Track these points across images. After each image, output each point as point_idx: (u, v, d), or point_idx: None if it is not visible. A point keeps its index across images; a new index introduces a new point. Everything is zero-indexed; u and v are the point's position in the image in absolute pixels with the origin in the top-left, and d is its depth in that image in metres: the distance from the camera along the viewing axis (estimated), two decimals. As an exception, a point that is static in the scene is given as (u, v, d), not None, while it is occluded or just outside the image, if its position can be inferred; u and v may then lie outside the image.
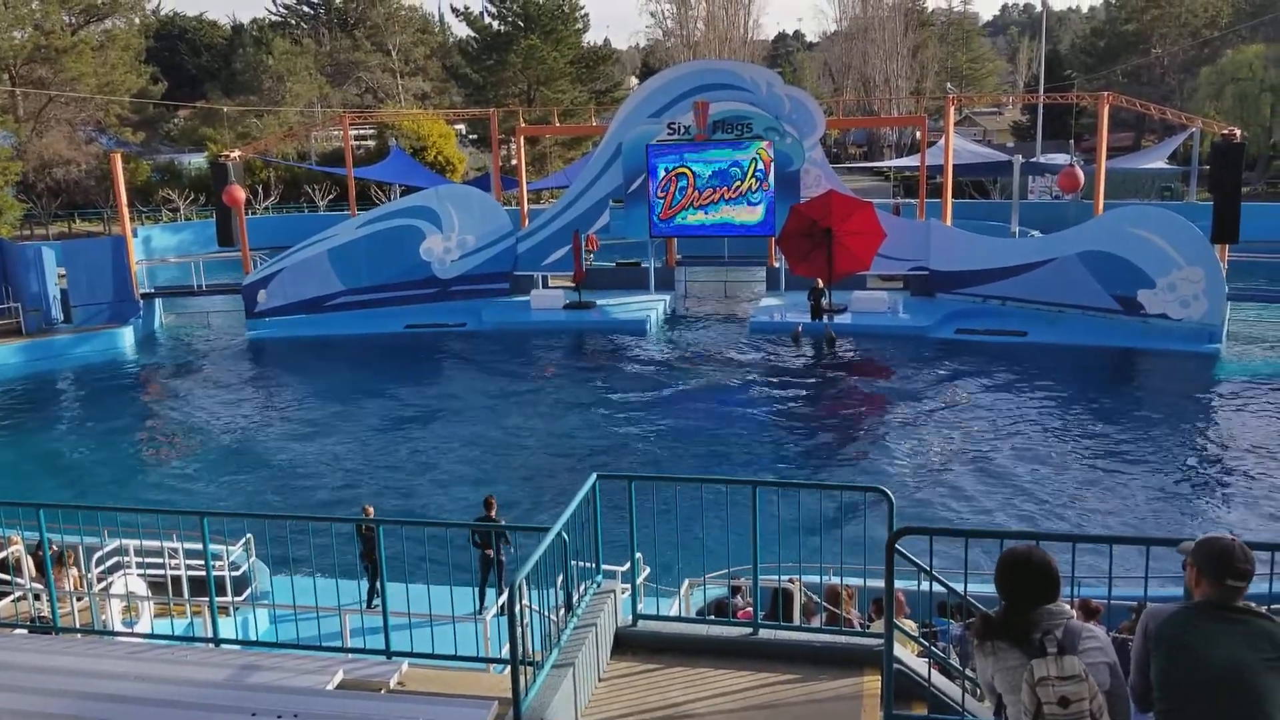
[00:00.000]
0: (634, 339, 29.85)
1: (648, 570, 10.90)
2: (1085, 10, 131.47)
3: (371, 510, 14.04)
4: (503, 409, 24.11)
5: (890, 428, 21.96)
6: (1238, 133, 28.30)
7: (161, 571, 11.02)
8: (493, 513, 13.56)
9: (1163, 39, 70.71)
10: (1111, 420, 21.62)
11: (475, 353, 29.22)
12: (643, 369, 27.15)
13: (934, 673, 6.41)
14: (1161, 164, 46.78)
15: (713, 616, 9.65)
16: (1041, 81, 61.15)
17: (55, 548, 10.82)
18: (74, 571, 11.24)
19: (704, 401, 24.03)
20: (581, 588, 7.20)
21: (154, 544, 11.61)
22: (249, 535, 13.59)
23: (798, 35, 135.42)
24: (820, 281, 29.32)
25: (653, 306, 32.13)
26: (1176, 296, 26.68)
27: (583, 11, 71.45)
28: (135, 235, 36.94)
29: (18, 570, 10.77)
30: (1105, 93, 33.23)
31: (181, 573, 10.90)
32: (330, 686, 6.56)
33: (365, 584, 13.46)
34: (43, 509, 8.43)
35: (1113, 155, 42.95)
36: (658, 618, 7.84)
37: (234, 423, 23.85)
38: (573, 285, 32.71)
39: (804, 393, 24.93)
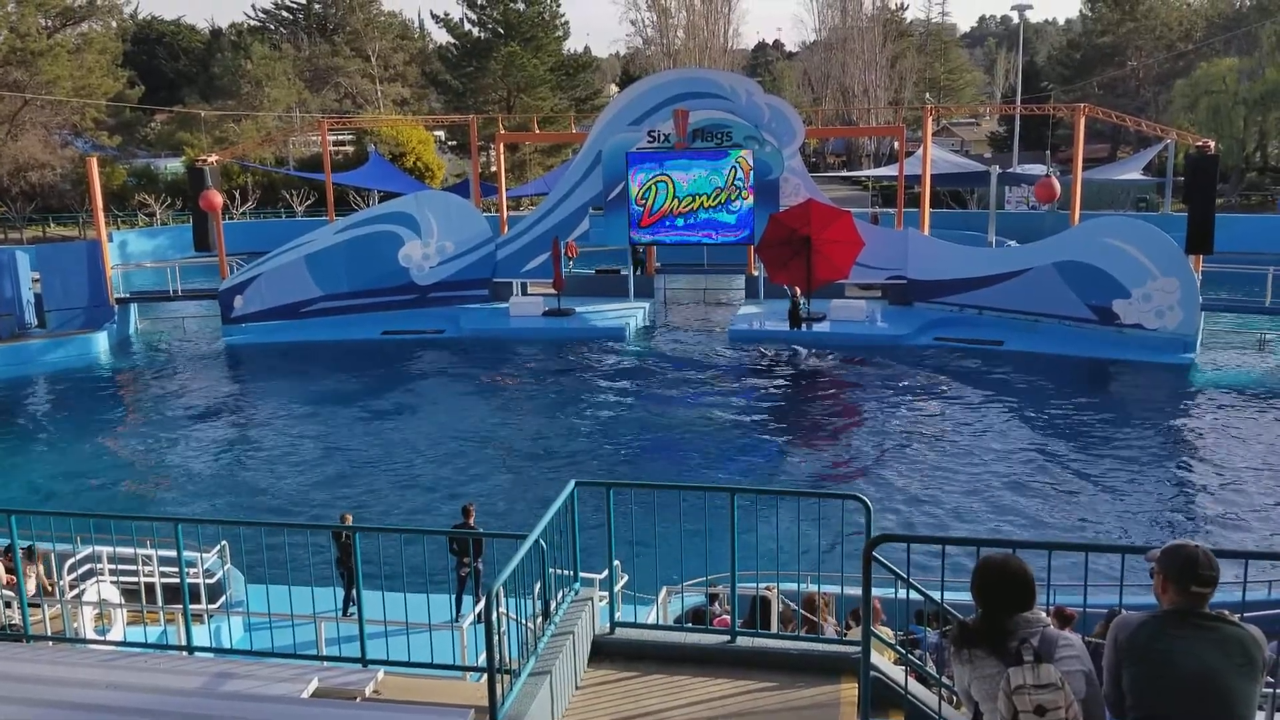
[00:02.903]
0: (612, 347, 29.83)
1: (625, 578, 10.87)
2: (1062, 23, 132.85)
3: (349, 517, 13.96)
4: (480, 416, 24.04)
5: (867, 436, 22.02)
6: (1212, 144, 28.56)
7: (135, 578, 10.92)
8: (471, 520, 13.51)
9: (1138, 52, 71.41)
10: (1087, 430, 21.76)
11: (453, 360, 29.13)
12: (621, 377, 27.14)
13: (911, 680, 6.43)
14: (1137, 175, 47.22)
15: (690, 624, 9.64)
16: (1019, 93, 61.58)
17: (24, 547, 10.71)
18: (38, 568, 11.08)
19: (682, 409, 24.04)
20: (559, 595, 7.18)
21: (127, 550, 11.52)
22: (224, 542, 13.50)
23: (777, 45, 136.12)
24: (798, 290, 29.44)
25: (632, 314, 32.13)
26: (1151, 307, 26.88)
27: (563, 19, 71.48)
28: (111, 240, 36.68)
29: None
30: (1081, 104, 33.50)
31: (155, 580, 10.81)
32: (305, 695, 6.51)
33: (341, 591, 13.37)
34: (14, 515, 8.34)
35: (1089, 166, 43.33)
36: (635, 625, 7.83)
37: (209, 429, 23.69)
38: (552, 292, 32.67)
39: (782, 401, 24.99)
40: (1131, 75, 71.39)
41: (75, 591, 11.20)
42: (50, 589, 11.14)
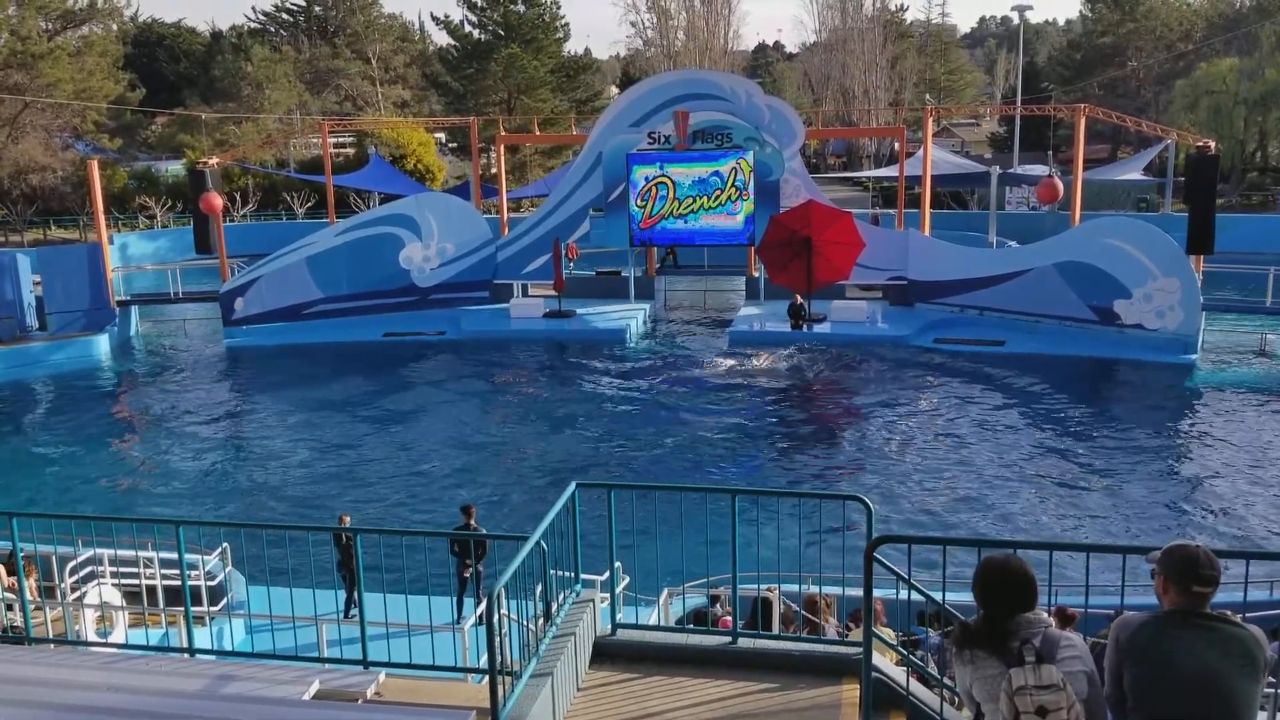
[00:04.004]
0: (613, 348, 29.83)
1: (627, 579, 10.87)
2: (1062, 23, 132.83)
3: (348, 519, 13.96)
4: (481, 418, 24.04)
5: (869, 437, 22.01)
6: (1212, 144, 28.56)
7: (136, 581, 10.92)
8: (472, 521, 13.50)
9: (1138, 52, 71.40)
10: (1088, 430, 21.76)
11: (454, 361, 29.13)
12: (622, 378, 27.13)
13: (913, 681, 6.43)
14: (1137, 175, 47.22)
15: (692, 625, 9.64)
16: (1019, 93, 61.60)
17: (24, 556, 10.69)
18: (29, 582, 11.07)
19: (683, 410, 24.03)
20: (560, 597, 7.18)
21: (129, 553, 11.51)
22: (225, 544, 13.49)
23: (777, 46, 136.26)
24: (798, 295, 29.49)
25: (632, 315, 32.14)
26: (1152, 307, 26.88)
27: (563, 21, 71.46)
28: (112, 242, 36.70)
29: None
30: (1082, 105, 33.50)
31: (157, 582, 10.81)
32: (306, 697, 6.51)
33: (342, 594, 13.36)
34: (15, 518, 8.34)
35: (1089, 167, 43.32)
36: (637, 627, 7.83)
37: (210, 431, 23.68)
38: (553, 294, 32.67)
39: (783, 402, 24.97)
40: (1132, 76, 71.38)
41: (77, 594, 11.20)
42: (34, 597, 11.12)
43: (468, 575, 13.58)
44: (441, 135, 70.50)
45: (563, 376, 27.65)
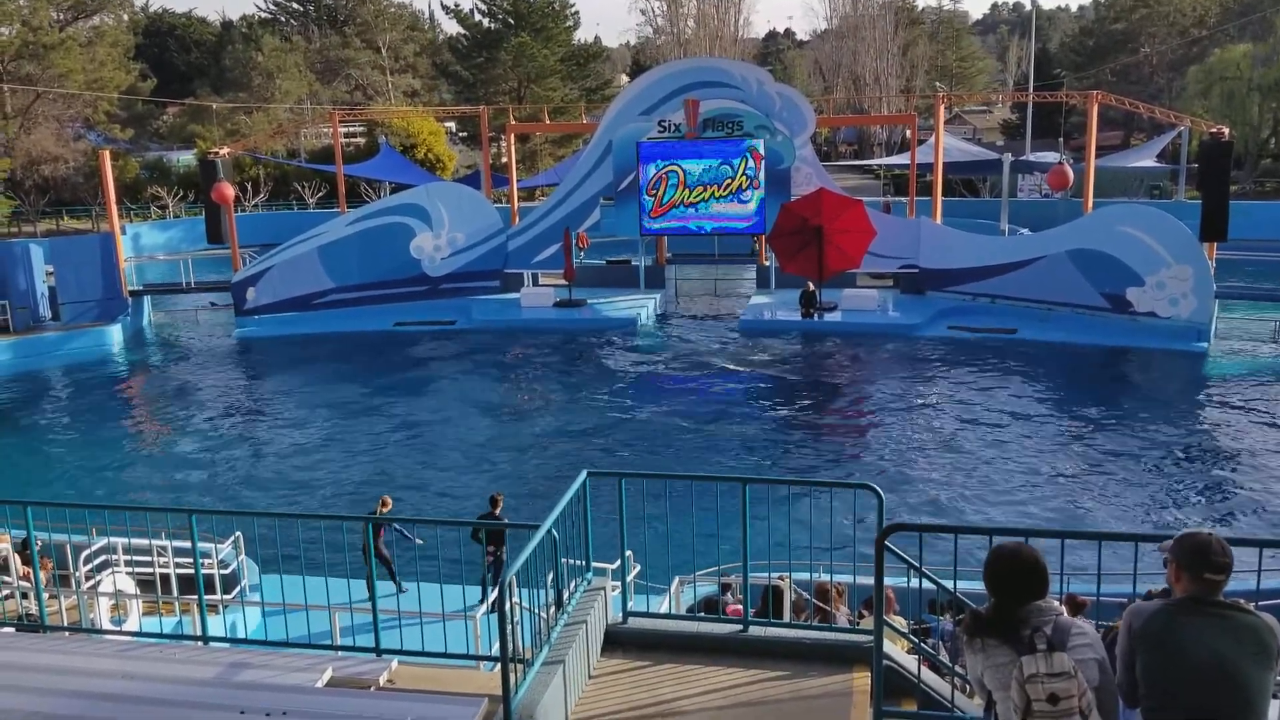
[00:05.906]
0: (624, 337, 29.83)
1: (638, 568, 10.88)
2: (1074, 9, 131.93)
3: (389, 501, 13.94)
4: (492, 406, 24.07)
5: (880, 425, 21.98)
6: (1226, 131, 28.38)
7: (150, 569, 10.97)
8: (497, 510, 13.48)
9: (1151, 38, 70.97)
10: (1100, 418, 21.68)
11: (465, 350, 29.17)
12: (632, 367, 27.14)
13: (924, 669, 6.42)
14: (1150, 162, 46.92)
15: (703, 614, 9.64)
16: (1031, 80, 61.29)
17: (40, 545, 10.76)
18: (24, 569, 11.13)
19: (694, 399, 24.03)
20: (572, 585, 7.18)
21: (142, 542, 11.58)
22: (238, 533, 13.54)
23: (788, 33, 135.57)
24: (810, 284, 29.43)
25: (643, 305, 32.12)
26: (1165, 295, 26.76)
27: (573, 9, 71.47)
28: (124, 232, 36.78)
29: (4, 569, 10.72)
30: (1094, 91, 33.30)
31: (170, 570, 10.87)
32: (319, 684, 6.54)
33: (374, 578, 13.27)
34: (30, 506, 8.38)
35: (1102, 154, 43.08)
36: (648, 615, 7.83)
37: (222, 420, 23.77)
38: (563, 283, 32.65)
39: (793, 390, 24.95)
40: (1145, 62, 70.95)
41: (91, 583, 11.26)
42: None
43: (491, 561, 13.55)
44: (452, 124, 70.49)
45: (573, 366, 27.66)
